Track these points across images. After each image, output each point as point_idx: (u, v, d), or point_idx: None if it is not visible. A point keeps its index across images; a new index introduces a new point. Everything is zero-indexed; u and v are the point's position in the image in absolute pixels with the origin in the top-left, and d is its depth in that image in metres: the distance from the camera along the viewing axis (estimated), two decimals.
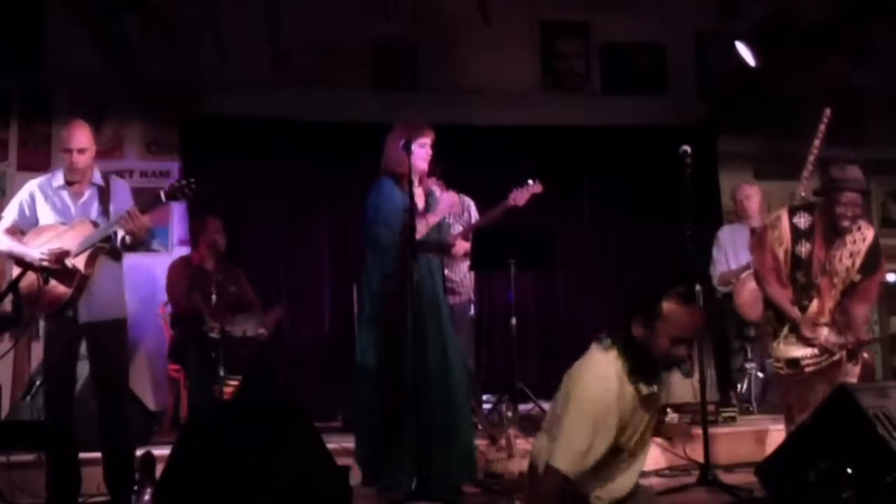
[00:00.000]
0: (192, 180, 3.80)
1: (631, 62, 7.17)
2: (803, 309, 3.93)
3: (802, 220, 3.99)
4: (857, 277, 3.91)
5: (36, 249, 3.87)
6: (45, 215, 4.01)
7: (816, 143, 4.02)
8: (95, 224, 3.92)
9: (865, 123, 7.11)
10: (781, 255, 4.00)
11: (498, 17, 6.74)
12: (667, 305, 2.86)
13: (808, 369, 3.89)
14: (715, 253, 5.87)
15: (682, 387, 5.56)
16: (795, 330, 3.91)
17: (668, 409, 5.31)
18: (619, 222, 6.91)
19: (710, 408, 4.81)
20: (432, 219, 4.17)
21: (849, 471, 3.05)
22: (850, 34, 6.19)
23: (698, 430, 4.21)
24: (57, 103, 6.46)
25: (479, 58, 6.80)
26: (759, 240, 4.22)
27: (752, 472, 3.71)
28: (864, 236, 3.94)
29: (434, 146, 4.24)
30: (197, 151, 6.50)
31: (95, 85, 6.39)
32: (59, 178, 4.05)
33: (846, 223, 3.89)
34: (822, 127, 4.01)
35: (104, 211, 3.98)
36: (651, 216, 6.72)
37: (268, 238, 6.54)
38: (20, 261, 3.92)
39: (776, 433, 4.58)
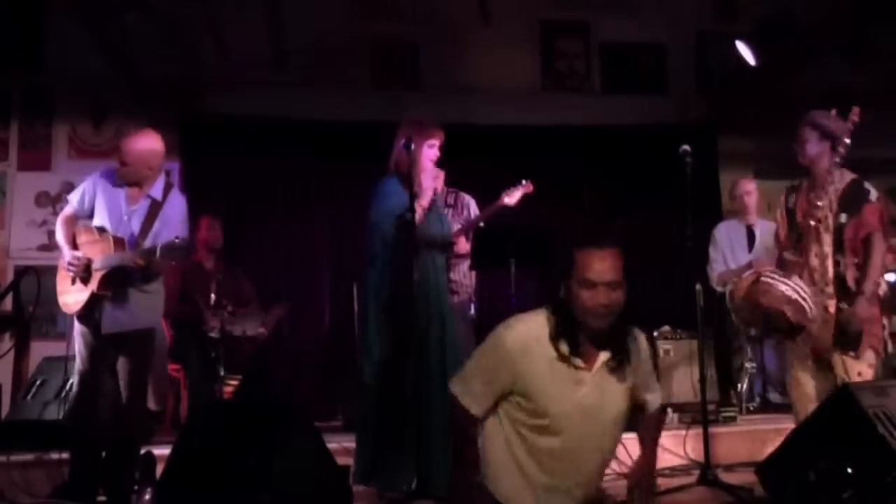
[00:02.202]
0: (188, 244, 3.84)
1: (631, 62, 7.18)
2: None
3: (797, 181, 4.16)
4: (843, 218, 3.85)
5: (69, 252, 3.91)
6: (100, 209, 4.01)
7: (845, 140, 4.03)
8: (119, 244, 3.89)
9: (865, 123, 7.09)
10: (778, 216, 4.15)
11: (498, 16, 6.75)
12: (577, 252, 2.74)
13: (767, 280, 3.78)
14: (712, 252, 5.82)
15: (682, 386, 5.60)
16: None
17: (668, 409, 5.37)
18: (619, 222, 6.90)
19: (710, 408, 4.81)
20: (424, 200, 4.15)
21: (849, 471, 3.04)
22: (849, 34, 6.19)
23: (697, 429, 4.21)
24: (57, 103, 6.47)
25: (479, 57, 6.81)
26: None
27: (752, 471, 3.71)
28: (842, 178, 3.96)
29: (441, 147, 4.26)
30: (197, 151, 6.52)
31: (96, 85, 6.41)
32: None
33: (802, 158, 4.04)
34: (849, 125, 4.04)
35: (145, 229, 3.95)
36: (651, 216, 6.72)
37: (268, 238, 6.55)
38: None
39: (776, 433, 4.58)
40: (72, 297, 3.94)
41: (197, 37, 6.48)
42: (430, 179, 4.22)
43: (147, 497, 3.84)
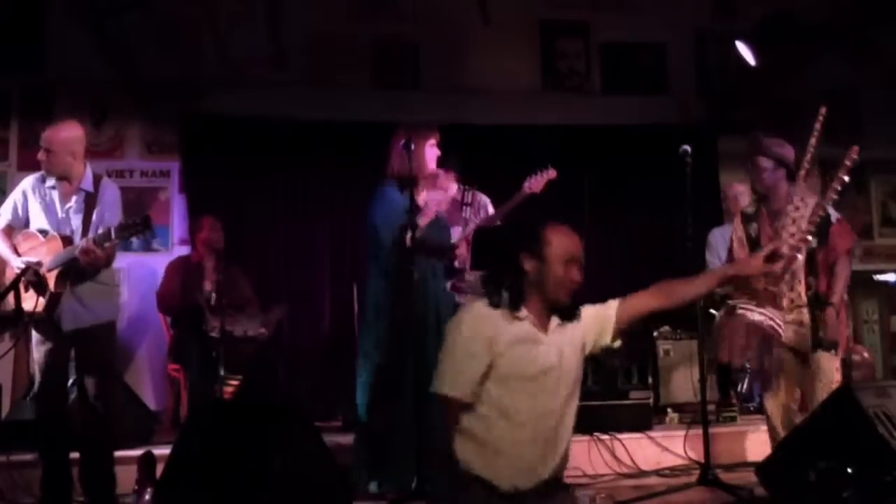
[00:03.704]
0: (144, 218, 3.76)
1: (631, 62, 7.17)
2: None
3: (751, 207, 4.29)
4: (814, 243, 3.96)
5: (17, 258, 3.89)
6: (35, 214, 4.00)
7: (813, 141, 4.04)
8: (67, 240, 3.88)
9: (865, 123, 7.10)
10: (736, 242, 4.23)
11: (498, 16, 6.74)
12: (549, 232, 2.88)
13: (743, 314, 3.93)
14: (707, 256, 5.79)
15: (682, 386, 5.60)
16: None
17: (669, 409, 5.38)
18: (619, 222, 6.91)
19: (710, 408, 4.81)
20: (422, 221, 4.15)
21: (849, 470, 3.05)
22: (850, 34, 6.20)
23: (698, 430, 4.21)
24: (57, 103, 6.45)
25: (479, 58, 6.81)
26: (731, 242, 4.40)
27: (752, 471, 3.71)
28: (805, 203, 4.03)
29: (439, 146, 4.26)
30: (197, 151, 6.51)
31: (96, 85, 6.40)
32: (50, 176, 4.03)
33: (758, 187, 4.17)
34: (817, 125, 4.04)
35: (86, 221, 3.94)
36: (651, 216, 6.72)
37: (268, 238, 6.54)
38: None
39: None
40: (29, 303, 3.91)
41: (197, 37, 6.47)
42: (433, 202, 4.22)
43: (147, 497, 3.84)
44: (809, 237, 3.91)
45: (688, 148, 4.27)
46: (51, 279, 3.86)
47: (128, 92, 6.39)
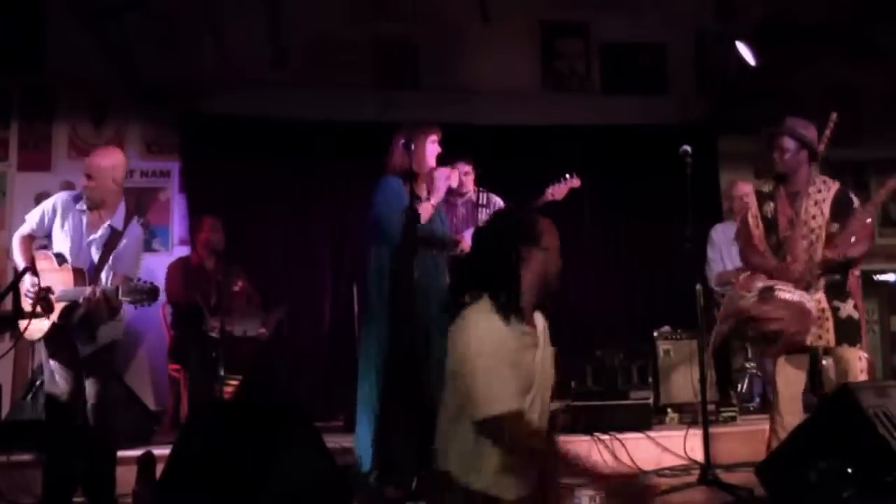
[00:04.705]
0: (151, 289, 3.79)
1: (631, 62, 7.17)
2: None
3: (766, 186, 4.27)
4: (835, 227, 3.98)
5: (29, 279, 3.88)
6: (59, 234, 4.00)
7: (821, 147, 4.06)
8: (79, 274, 3.89)
9: (865, 123, 7.10)
10: (751, 220, 4.20)
11: (498, 17, 6.74)
12: (543, 222, 2.83)
13: (780, 294, 3.93)
14: (710, 252, 5.84)
15: (682, 386, 5.59)
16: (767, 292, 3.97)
17: (669, 409, 5.38)
18: (619, 222, 6.91)
19: (710, 408, 4.81)
20: (434, 199, 4.20)
21: (849, 471, 3.05)
22: (850, 34, 6.20)
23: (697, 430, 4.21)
24: (57, 103, 6.46)
25: (479, 58, 6.80)
26: (740, 220, 4.42)
27: (752, 472, 3.71)
28: (828, 186, 4.07)
29: (440, 143, 4.28)
30: (197, 151, 6.52)
31: (96, 85, 6.41)
32: (84, 200, 4.03)
33: (780, 168, 4.12)
34: (828, 132, 4.05)
35: (103, 259, 3.95)
36: (651, 216, 6.72)
37: (268, 238, 6.54)
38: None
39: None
40: (33, 324, 3.92)
41: (197, 37, 6.47)
42: (443, 178, 4.25)
43: (147, 497, 3.84)
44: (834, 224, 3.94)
45: (688, 148, 4.28)
46: (56, 311, 3.89)
47: (128, 92, 6.39)
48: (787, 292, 3.92)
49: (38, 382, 4.92)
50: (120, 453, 4.08)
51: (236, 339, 5.40)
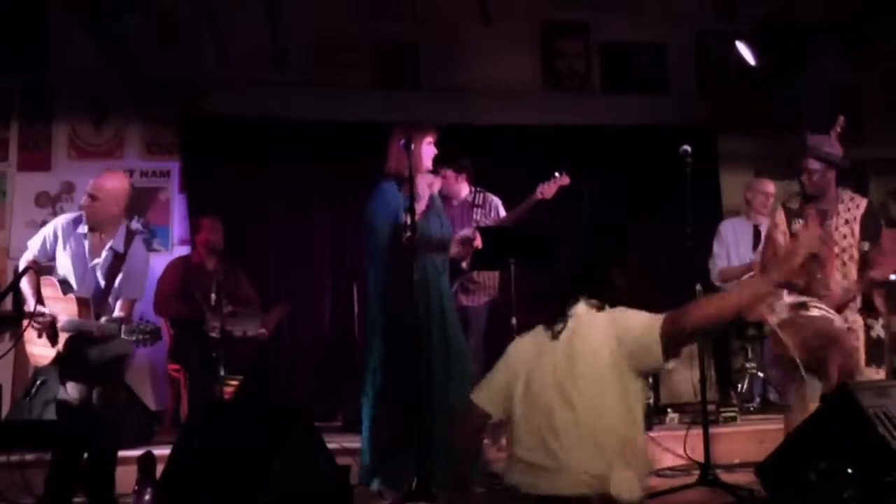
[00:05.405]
0: (153, 330, 3.84)
1: (631, 62, 7.17)
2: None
3: (794, 203, 4.21)
4: (866, 246, 3.99)
5: (36, 308, 3.88)
6: (62, 258, 4.01)
7: (827, 150, 4.06)
8: (83, 305, 3.89)
9: (865, 123, 7.10)
10: (781, 238, 4.14)
11: (498, 17, 6.74)
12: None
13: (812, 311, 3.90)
14: (716, 247, 5.83)
15: (682, 387, 5.59)
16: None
17: (669, 410, 5.37)
18: (619, 222, 6.90)
19: (710, 408, 4.80)
20: (419, 206, 4.17)
21: (849, 471, 3.04)
22: (849, 33, 6.19)
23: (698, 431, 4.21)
24: (57, 103, 6.46)
25: (479, 58, 6.80)
26: (765, 238, 4.37)
27: (752, 472, 3.71)
28: (856, 204, 4.07)
29: (436, 145, 4.27)
30: (197, 151, 6.52)
31: (96, 85, 6.40)
32: (85, 222, 4.03)
33: (810, 190, 4.09)
34: (833, 135, 4.05)
35: (108, 283, 3.96)
36: (651, 216, 6.72)
37: (268, 238, 6.54)
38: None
39: (776, 433, 4.57)
40: (38, 349, 3.96)
41: (197, 37, 6.47)
42: (425, 185, 4.25)
43: (147, 497, 3.84)
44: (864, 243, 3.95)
45: (688, 148, 4.27)
46: (61, 340, 3.90)
47: (128, 92, 6.39)
48: (821, 309, 3.90)
49: (38, 382, 4.93)
50: (120, 453, 4.08)
51: (236, 339, 5.40)
